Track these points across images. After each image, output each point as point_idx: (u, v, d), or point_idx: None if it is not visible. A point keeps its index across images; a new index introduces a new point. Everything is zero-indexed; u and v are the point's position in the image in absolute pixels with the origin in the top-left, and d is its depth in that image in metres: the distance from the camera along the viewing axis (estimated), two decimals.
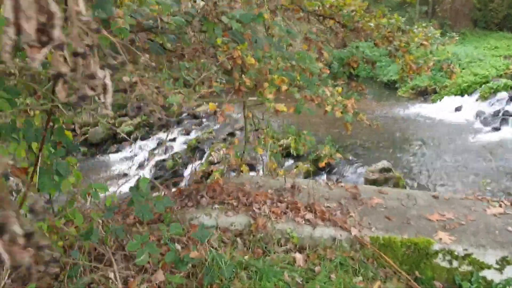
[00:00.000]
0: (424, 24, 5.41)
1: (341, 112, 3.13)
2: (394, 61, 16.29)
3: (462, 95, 13.13)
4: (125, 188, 10.65)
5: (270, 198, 3.41)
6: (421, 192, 3.77)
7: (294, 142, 3.25)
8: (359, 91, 5.32)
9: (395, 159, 9.67)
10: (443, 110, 12.82)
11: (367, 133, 11.14)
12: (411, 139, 11.08)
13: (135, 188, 2.77)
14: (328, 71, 4.08)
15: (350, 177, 9.27)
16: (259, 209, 3.26)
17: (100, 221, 2.60)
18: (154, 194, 2.89)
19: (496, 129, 11.04)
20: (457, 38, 5.55)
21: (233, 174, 4.65)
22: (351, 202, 3.47)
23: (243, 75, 3.14)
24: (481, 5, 20.76)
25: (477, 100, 12.54)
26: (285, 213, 3.26)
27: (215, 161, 10.33)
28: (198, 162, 10.90)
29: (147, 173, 11.41)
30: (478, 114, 11.86)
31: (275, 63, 3.04)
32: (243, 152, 4.11)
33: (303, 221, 3.16)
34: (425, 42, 5.00)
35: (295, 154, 3.50)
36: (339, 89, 3.81)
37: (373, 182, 8.64)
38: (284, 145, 7.35)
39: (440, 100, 13.41)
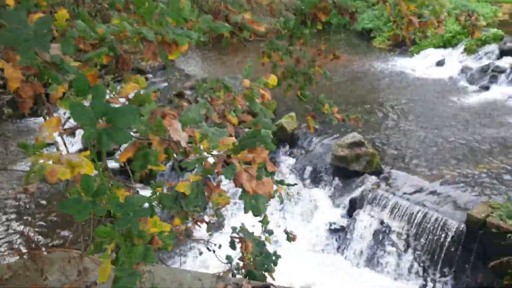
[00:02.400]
0: None
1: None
2: (369, 7, 13.49)
3: (445, 47, 11.02)
4: None
5: None
6: None
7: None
8: (334, 55, 3.13)
9: (367, 128, 7.61)
10: (423, 64, 10.74)
11: (335, 93, 9.01)
12: (386, 100, 9.05)
13: None
14: None
15: (315, 152, 7.27)
16: None
17: None
18: None
19: (485, 88, 9.09)
20: None
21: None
22: None
23: None
24: None
25: (462, 54, 10.47)
26: None
27: None
28: None
29: (77, 140, 9.21)
30: (464, 70, 9.87)
31: None
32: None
33: None
34: None
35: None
36: None
37: (343, 159, 6.67)
38: None
39: (420, 53, 11.28)
